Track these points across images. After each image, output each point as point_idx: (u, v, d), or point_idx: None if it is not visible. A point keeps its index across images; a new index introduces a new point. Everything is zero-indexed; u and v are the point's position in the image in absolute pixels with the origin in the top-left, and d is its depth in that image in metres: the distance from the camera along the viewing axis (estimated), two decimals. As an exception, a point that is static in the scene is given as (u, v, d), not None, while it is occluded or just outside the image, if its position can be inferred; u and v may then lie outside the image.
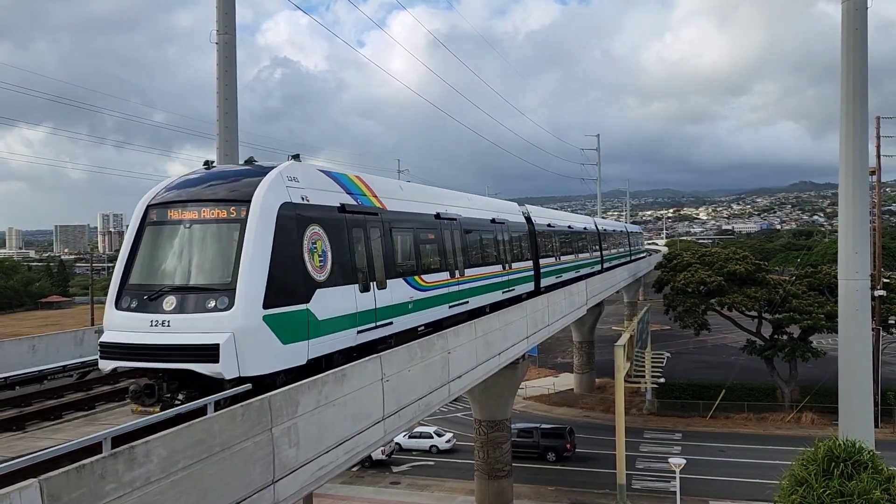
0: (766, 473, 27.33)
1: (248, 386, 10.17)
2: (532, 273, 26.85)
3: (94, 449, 7.32)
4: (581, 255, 38.10)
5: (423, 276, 16.38)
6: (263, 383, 10.61)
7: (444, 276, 17.84)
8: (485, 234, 21.94)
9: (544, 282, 28.80)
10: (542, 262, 28.53)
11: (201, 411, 8.85)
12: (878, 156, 48.75)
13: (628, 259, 61.05)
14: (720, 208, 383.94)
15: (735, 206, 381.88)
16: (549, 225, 31.16)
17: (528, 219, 28.36)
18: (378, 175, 19.76)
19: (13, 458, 6.59)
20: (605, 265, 45.64)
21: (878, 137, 48.68)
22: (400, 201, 16.24)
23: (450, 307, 17.96)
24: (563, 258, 33.20)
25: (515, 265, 24.52)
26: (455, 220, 19.30)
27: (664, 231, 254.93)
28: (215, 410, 8.96)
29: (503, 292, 22.77)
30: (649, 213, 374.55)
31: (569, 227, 35.87)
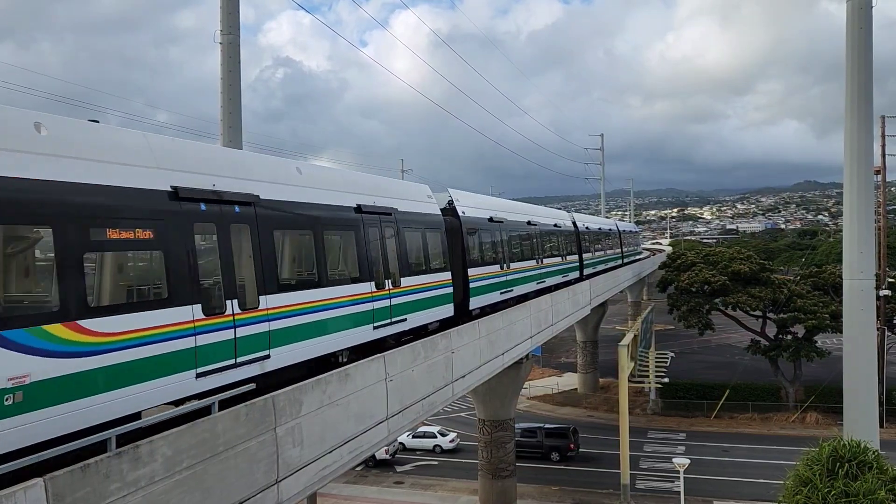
0: (771, 473, 27.38)
1: (251, 385, 10.14)
2: (449, 290, 18.37)
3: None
4: (548, 261, 29.70)
5: (83, 324, 7.80)
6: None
7: (179, 315, 9.17)
8: (332, 232, 13.40)
9: (477, 301, 20.63)
10: (474, 272, 20.56)
11: (205, 411, 8.85)
12: (883, 155, 48.61)
13: (619, 263, 52.74)
14: (724, 208, 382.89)
15: (739, 206, 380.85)
16: (490, 219, 22.94)
17: (453, 210, 20.44)
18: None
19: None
20: (587, 271, 38.28)
21: (883, 136, 48.57)
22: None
23: (200, 375, 9.36)
24: (517, 265, 25.07)
25: (410, 281, 16.12)
26: (244, 204, 10.79)
27: (668, 231, 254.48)
28: (219, 410, 8.96)
29: (375, 327, 14.30)
30: (653, 212, 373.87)
31: (528, 222, 27.80)
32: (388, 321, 14.90)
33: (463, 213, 20.79)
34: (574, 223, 37.15)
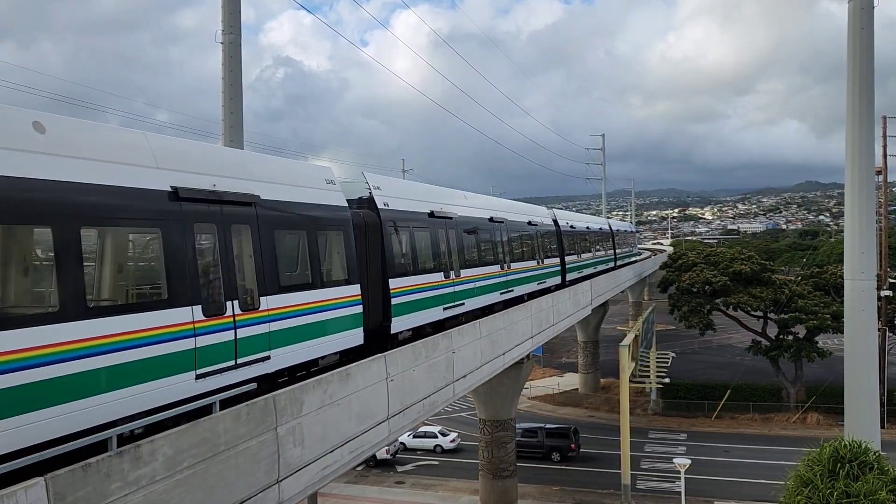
0: (772, 474, 27.28)
1: (252, 385, 10.13)
2: (356, 310, 13.71)
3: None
4: (518, 265, 25.17)
5: None
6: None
7: None
8: (113, 231, 8.83)
9: (404, 321, 15.95)
10: (399, 283, 15.93)
11: (207, 410, 8.85)
12: (885, 155, 48.53)
13: (611, 266, 47.87)
14: (725, 208, 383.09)
15: (740, 206, 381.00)
16: (432, 214, 18.43)
17: (370, 201, 15.78)
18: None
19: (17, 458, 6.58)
20: (571, 276, 33.73)
21: (885, 137, 48.49)
22: None
23: None
24: (471, 272, 20.42)
25: (280, 300, 11.35)
26: None
27: (669, 231, 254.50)
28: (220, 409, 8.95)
29: (200, 377, 9.39)
30: (654, 212, 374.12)
31: (490, 219, 23.01)
32: (231, 363, 10.10)
33: (385, 205, 16.07)
34: (555, 221, 32.81)
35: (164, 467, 7.55)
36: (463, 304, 19.59)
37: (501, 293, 23.18)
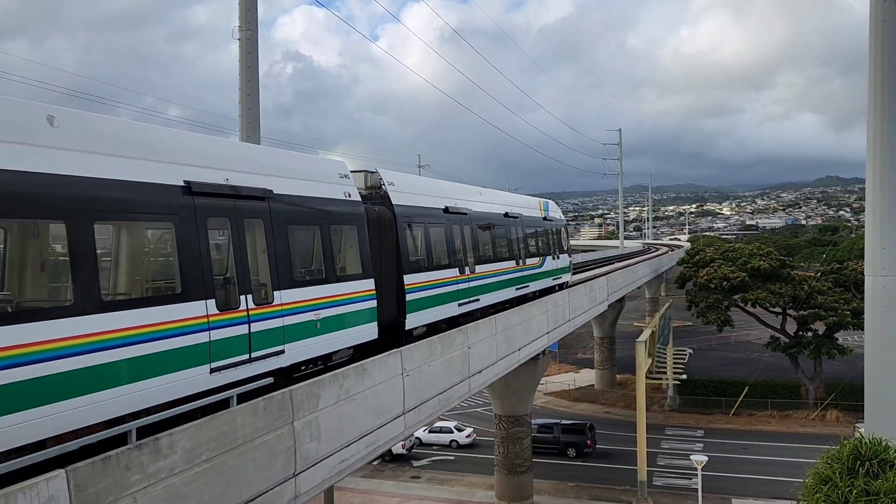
0: (790, 472, 27.10)
1: (269, 379, 10.18)
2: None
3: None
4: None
5: None
6: None
7: None
8: None
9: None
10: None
11: (224, 404, 8.93)
12: (907, 150, 47.80)
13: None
14: (744, 203, 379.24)
15: (759, 202, 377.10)
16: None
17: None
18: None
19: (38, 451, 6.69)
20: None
21: (907, 131, 47.74)
22: None
23: None
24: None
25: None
26: None
27: (687, 226, 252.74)
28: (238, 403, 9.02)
29: None
30: (672, 208, 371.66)
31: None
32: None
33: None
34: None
35: (183, 460, 7.62)
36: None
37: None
